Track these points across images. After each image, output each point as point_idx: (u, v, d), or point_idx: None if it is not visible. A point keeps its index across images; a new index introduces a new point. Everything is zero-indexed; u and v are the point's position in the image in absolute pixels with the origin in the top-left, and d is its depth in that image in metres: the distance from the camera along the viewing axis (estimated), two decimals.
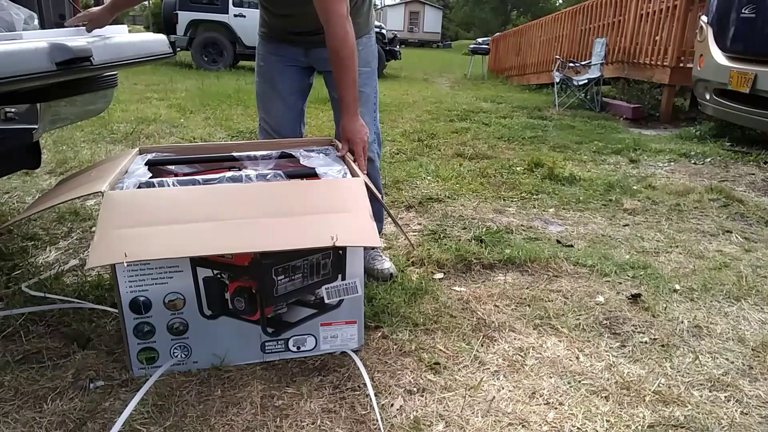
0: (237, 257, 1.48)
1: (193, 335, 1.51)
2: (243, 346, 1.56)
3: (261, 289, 1.51)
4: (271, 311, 1.56)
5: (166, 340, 1.50)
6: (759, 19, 4.39)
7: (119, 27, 2.21)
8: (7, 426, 1.32)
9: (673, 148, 4.85)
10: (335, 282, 1.58)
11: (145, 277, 1.43)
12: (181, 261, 1.44)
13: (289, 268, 1.52)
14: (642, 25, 7.17)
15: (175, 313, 1.48)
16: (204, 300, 1.49)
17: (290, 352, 1.60)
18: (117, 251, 1.25)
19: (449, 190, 3.38)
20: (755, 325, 1.92)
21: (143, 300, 1.45)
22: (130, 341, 1.47)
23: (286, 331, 1.58)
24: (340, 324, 1.62)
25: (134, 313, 1.45)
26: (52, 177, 3.29)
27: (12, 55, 1.44)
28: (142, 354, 1.49)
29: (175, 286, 1.45)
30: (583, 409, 1.46)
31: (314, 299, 1.58)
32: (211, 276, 1.48)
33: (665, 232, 2.80)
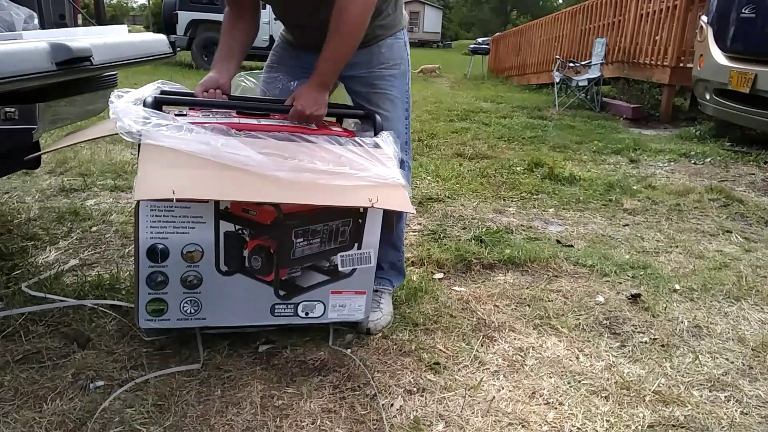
0: (261, 215, 1.46)
1: (206, 291, 1.49)
2: (253, 307, 1.55)
3: (279, 250, 1.50)
4: (285, 273, 1.55)
5: (177, 292, 1.47)
6: (759, 19, 4.39)
7: (119, 27, 2.21)
8: (7, 426, 1.32)
9: (673, 148, 4.85)
10: (351, 250, 1.58)
11: (167, 225, 1.40)
12: (206, 212, 1.42)
13: (309, 232, 1.52)
14: (642, 25, 7.18)
15: (191, 265, 1.45)
16: (222, 255, 1.47)
17: (298, 317, 1.60)
18: (164, 187, 1.23)
19: (449, 190, 3.38)
20: (755, 325, 1.92)
21: (161, 248, 1.42)
22: (141, 290, 1.44)
23: (298, 295, 1.58)
24: (350, 293, 1.62)
25: (150, 261, 1.42)
26: (52, 177, 3.29)
27: (12, 55, 1.44)
28: (151, 305, 1.46)
29: (196, 237, 1.43)
30: (583, 409, 1.46)
31: (328, 266, 1.58)
32: (232, 231, 1.46)
33: (665, 232, 2.80)
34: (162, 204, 1.38)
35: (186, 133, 1.37)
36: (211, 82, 1.63)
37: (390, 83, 1.74)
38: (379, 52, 1.73)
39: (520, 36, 12.64)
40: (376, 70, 1.72)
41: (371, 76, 1.72)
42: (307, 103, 1.56)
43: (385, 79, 1.73)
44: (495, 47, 15.02)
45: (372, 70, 1.72)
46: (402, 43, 1.80)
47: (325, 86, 1.60)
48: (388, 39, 1.75)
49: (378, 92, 1.73)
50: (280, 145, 1.45)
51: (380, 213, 1.57)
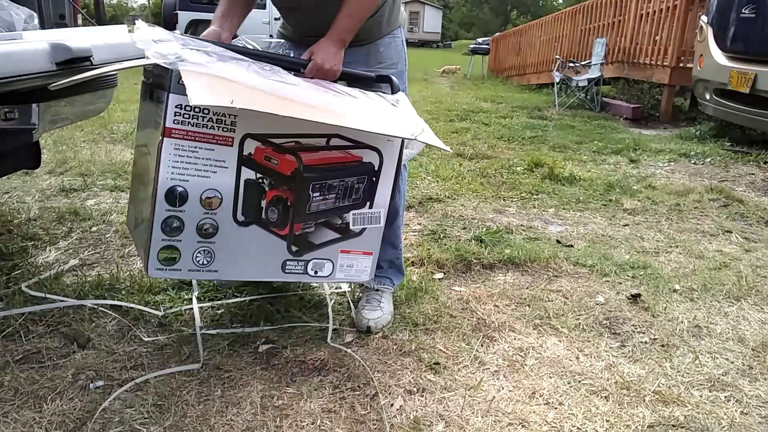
0: (282, 164, 1.44)
1: (220, 241, 1.44)
2: (265, 261, 1.53)
3: (296, 203, 1.48)
4: (299, 228, 1.53)
5: (191, 240, 1.41)
6: (759, 19, 4.39)
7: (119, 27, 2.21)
8: (7, 426, 1.32)
9: (673, 148, 4.85)
10: (363, 209, 1.58)
11: (188, 166, 1.34)
12: (229, 156, 1.38)
13: (325, 186, 1.51)
14: (642, 25, 7.17)
15: (209, 212, 1.40)
16: (240, 203, 1.43)
17: (307, 276, 1.59)
18: (222, 95, 1.18)
19: (449, 190, 3.38)
20: (755, 325, 1.92)
21: (180, 191, 1.35)
22: (154, 235, 1.37)
23: (309, 252, 1.56)
24: (357, 253, 1.62)
25: (168, 204, 1.35)
26: (52, 177, 3.29)
27: (12, 55, 1.44)
28: (163, 252, 1.40)
29: (216, 182, 1.38)
30: (583, 409, 1.46)
31: (340, 223, 1.58)
32: (253, 179, 1.42)
33: (665, 232, 2.80)
34: (186, 143, 1.33)
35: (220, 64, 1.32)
36: (213, 35, 1.59)
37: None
38: (377, 50, 1.72)
39: (520, 36, 12.63)
40: (373, 69, 1.72)
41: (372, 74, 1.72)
42: (327, 58, 1.53)
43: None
44: (495, 47, 15.01)
45: (370, 70, 1.71)
46: (399, 42, 1.80)
47: (342, 42, 1.57)
48: (386, 38, 1.75)
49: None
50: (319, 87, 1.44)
51: (393, 172, 1.58)
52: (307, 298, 1.94)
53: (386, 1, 1.73)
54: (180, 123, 1.31)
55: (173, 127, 1.31)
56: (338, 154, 1.52)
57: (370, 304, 1.83)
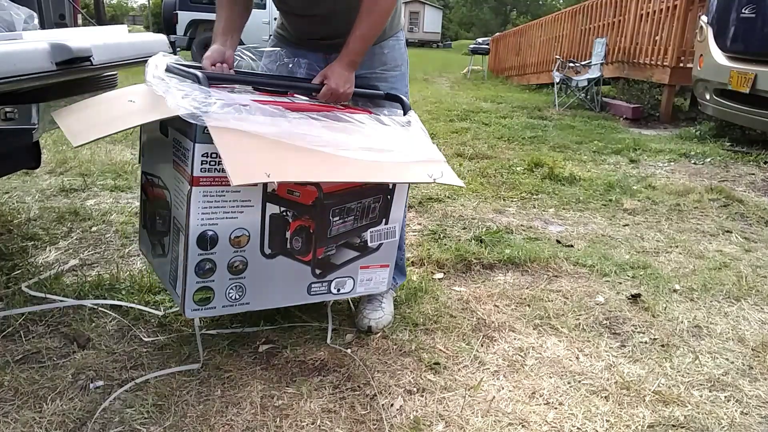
0: (303, 196, 1.48)
1: (250, 275, 1.48)
2: (292, 287, 1.57)
3: (317, 229, 1.53)
4: (322, 252, 1.57)
5: (224, 279, 1.46)
6: (759, 19, 4.39)
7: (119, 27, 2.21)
8: (7, 426, 1.32)
9: (673, 148, 4.85)
10: (380, 226, 1.63)
11: (217, 210, 1.39)
12: (254, 195, 1.42)
13: (344, 210, 1.55)
14: (642, 25, 7.17)
15: (238, 250, 1.45)
16: (266, 238, 1.48)
17: (331, 294, 1.64)
18: (257, 171, 1.21)
19: (449, 190, 3.38)
20: (755, 325, 1.92)
21: (211, 234, 1.39)
22: (189, 279, 1.41)
23: (332, 272, 1.61)
24: (375, 267, 1.67)
25: (200, 249, 1.39)
26: (52, 177, 3.29)
27: (12, 55, 1.44)
28: (198, 294, 1.43)
29: (244, 221, 1.43)
30: (583, 409, 1.46)
31: (359, 242, 1.62)
32: (277, 213, 1.47)
33: (665, 232, 2.80)
34: (214, 189, 1.37)
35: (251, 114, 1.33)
36: (218, 55, 1.58)
37: (390, 85, 1.73)
38: (381, 52, 1.72)
39: (520, 36, 12.63)
40: (377, 71, 1.72)
41: (372, 77, 1.72)
42: (340, 81, 1.54)
43: (387, 81, 1.73)
44: (495, 47, 15.01)
45: (374, 71, 1.72)
46: (402, 44, 1.81)
47: (354, 65, 1.59)
48: (390, 40, 1.75)
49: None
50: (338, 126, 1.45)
51: (406, 188, 1.64)
52: None
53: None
54: (207, 171, 1.35)
55: (201, 176, 1.34)
56: None
57: (372, 304, 1.83)
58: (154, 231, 1.63)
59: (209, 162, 1.34)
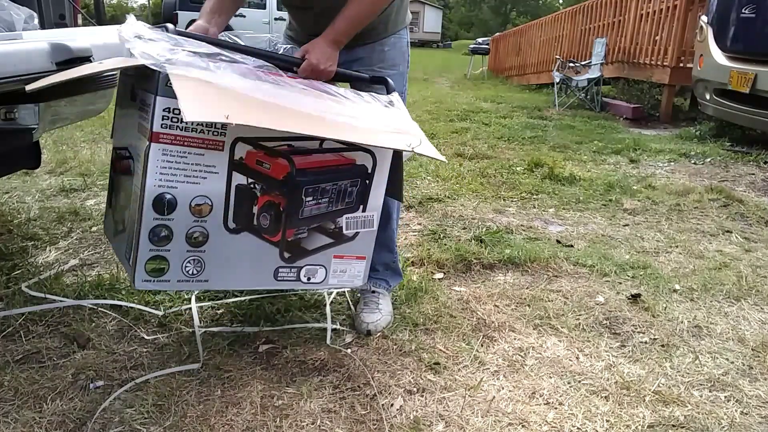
0: (274, 169, 1.40)
1: (211, 249, 1.38)
2: (257, 269, 1.47)
3: (288, 208, 1.44)
4: (292, 234, 1.48)
5: (181, 250, 1.35)
6: (759, 19, 4.39)
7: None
8: (7, 426, 1.32)
9: (673, 148, 4.85)
10: (356, 212, 1.54)
11: (177, 172, 1.28)
12: (220, 161, 1.32)
13: (318, 190, 1.46)
14: (642, 25, 7.17)
15: (199, 219, 1.34)
16: (231, 210, 1.38)
17: (300, 283, 1.54)
18: (216, 109, 1.12)
19: (449, 190, 3.38)
20: (755, 325, 1.92)
21: (169, 198, 1.29)
22: (141, 246, 1.30)
23: (302, 258, 1.52)
24: (351, 258, 1.58)
25: (156, 212, 1.29)
26: (52, 177, 3.29)
27: (12, 55, 1.44)
28: (151, 263, 1.33)
29: (207, 188, 1.33)
30: (583, 409, 1.46)
31: (333, 228, 1.54)
32: (245, 185, 1.38)
33: (665, 232, 2.80)
34: (175, 149, 1.27)
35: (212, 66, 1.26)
36: (200, 30, 1.54)
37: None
38: (382, 50, 1.71)
39: (520, 36, 12.63)
40: (375, 69, 1.71)
41: (369, 74, 1.71)
42: (321, 58, 1.50)
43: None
44: (495, 47, 15.01)
45: (372, 69, 1.71)
46: (404, 43, 1.79)
47: (338, 43, 1.55)
48: (391, 37, 1.74)
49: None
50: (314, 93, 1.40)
51: (386, 174, 1.54)
52: (307, 298, 1.94)
53: (393, 2, 1.71)
54: (168, 127, 1.25)
55: (161, 132, 1.25)
56: (331, 156, 1.48)
57: (368, 306, 1.82)
58: (117, 207, 1.53)
59: (170, 118, 1.24)
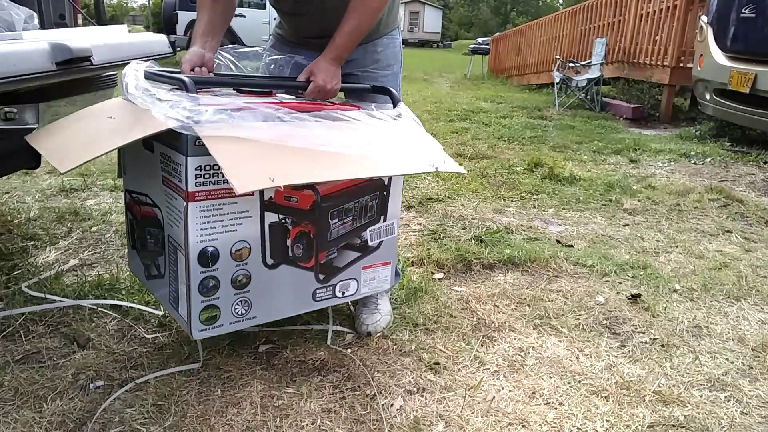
0: (301, 200, 1.45)
1: (254, 288, 1.44)
2: (297, 295, 1.53)
3: (318, 234, 1.50)
4: (324, 256, 1.54)
5: (228, 295, 1.40)
6: (759, 19, 4.39)
7: (119, 27, 2.21)
8: (7, 426, 1.32)
9: (673, 148, 4.85)
10: (378, 224, 1.61)
11: (216, 225, 1.34)
12: (252, 205, 1.38)
13: (342, 211, 1.53)
14: (642, 25, 7.18)
15: (240, 263, 1.40)
16: (268, 248, 1.44)
17: (336, 298, 1.61)
18: (261, 177, 1.17)
19: (449, 190, 3.38)
20: (755, 325, 1.92)
21: (212, 251, 1.34)
22: (193, 299, 1.35)
23: (335, 276, 1.58)
24: (378, 266, 1.65)
25: (202, 266, 1.34)
26: (52, 177, 3.29)
27: (12, 55, 1.44)
28: (204, 313, 1.38)
29: (244, 233, 1.38)
30: (583, 409, 1.46)
31: (360, 242, 1.60)
32: (276, 221, 1.43)
33: (665, 232, 2.80)
34: (210, 203, 1.32)
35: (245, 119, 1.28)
36: (197, 59, 1.54)
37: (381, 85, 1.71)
38: (374, 51, 1.71)
39: (520, 36, 12.63)
40: (369, 70, 1.71)
41: (363, 76, 1.71)
42: (327, 78, 1.52)
43: (378, 81, 1.71)
44: (495, 47, 15.01)
45: (365, 70, 1.71)
46: (397, 43, 1.79)
47: (340, 60, 1.57)
48: (383, 38, 1.74)
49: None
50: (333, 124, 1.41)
51: (401, 183, 1.62)
52: None
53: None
54: (202, 184, 1.29)
55: (196, 191, 1.29)
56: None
57: (367, 308, 1.82)
58: (146, 252, 1.57)
59: (203, 175, 1.29)
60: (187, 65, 1.53)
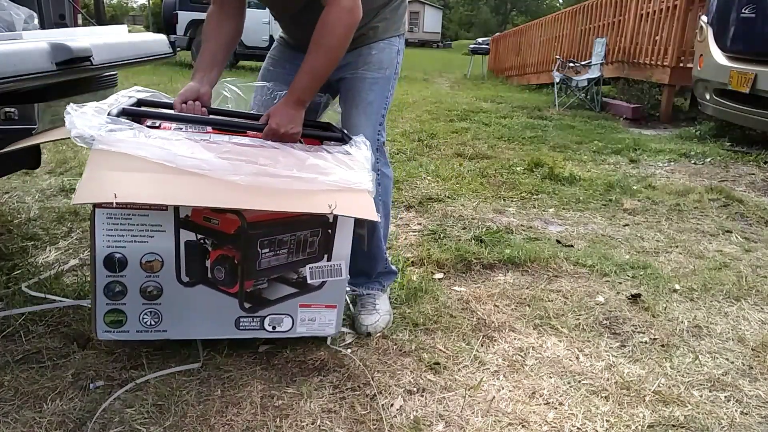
0: (223, 224, 1.42)
1: (166, 302, 1.44)
2: (216, 319, 1.50)
3: (244, 261, 1.45)
4: (251, 285, 1.50)
5: (137, 303, 1.43)
6: (759, 19, 4.39)
7: (119, 27, 2.21)
8: (7, 426, 1.32)
9: (673, 148, 4.85)
10: (320, 262, 1.53)
11: (124, 233, 1.36)
12: (165, 220, 1.38)
13: (275, 242, 1.47)
14: (642, 25, 7.18)
15: (151, 275, 1.41)
16: (183, 265, 1.43)
17: (264, 331, 1.56)
18: (106, 191, 1.20)
19: (449, 190, 3.38)
20: (755, 325, 1.92)
21: (119, 257, 1.37)
22: (98, 300, 1.41)
23: (264, 308, 1.53)
24: (319, 307, 1.57)
25: (107, 270, 1.38)
26: (52, 177, 3.29)
27: (12, 55, 1.44)
28: (109, 316, 1.42)
29: (155, 246, 1.39)
30: (583, 409, 1.46)
31: (297, 278, 1.53)
32: (194, 240, 1.42)
33: (665, 232, 2.80)
34: (118, 211, 1.34)
35: (141, 137, 1.33)
36: (191, 93, 1.56)
37: (369, 87, 1.70)
38: (368, 53, 1.70)
39: (520, 36, 12.63)
40: (359, 71, 1.70)
41: (354, 77, 1.70)
42: (282, 121, 1.50)
43: (366, 82, 1.70)
44: (495, 47, 15.02)
45: (356, 72, 1.70)
46: (395, 50, 1.76)
47: (301, 103, 1.53)
48: (380, 42, 1.72)
49: (354, 95, 1.70)
50: (240, 150, 1.41)
51: (351, 224, 1.51)
52: None
53: (387, 7, 1.70)
54: None
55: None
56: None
57: (366, 308, 1.81)
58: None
59: None
60: (178, 99, 1.56)
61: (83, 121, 1.32)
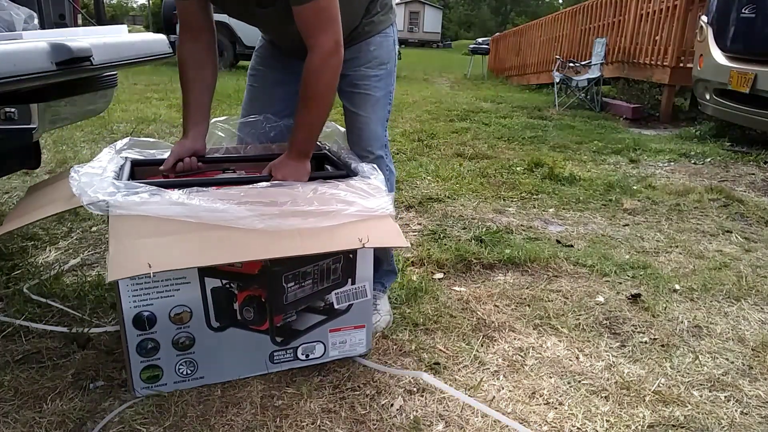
0: (246, 265, 1.42)
1: (200, 349, 1.45)
2: (251, 357, 1.51)
3: (270, 298, 1.46)
4: (280, 320, 1.51)
5: (171, 356, 1.43)
6: (759, 19, 4.39)
7: (119, 27, 2.21)
8: (7, 426, 1.32)
9: (673, 148, 4.85)
10: (345, 287, 1.55)
11: (150, 291, 1.36)
12: (189, 272, 1.37)
13: (299, 275, 1.48)
14: (642, 25, 7.18)
15: (181, 327, 1.41)
16: (212, 311, 1.43)
17: (299, 361, 1.56)
18: (140, 262, 1.19)
19: (449, 190, 3.38)
20: (755, 325, 1.92)
21: (147, 314, 1.37)
22: (132, 359, 1.39)
23: (295, 339, 1.54)
24: (349, 329, 1.59)
25: (138, 330, 1.37)
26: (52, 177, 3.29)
27: (12, 55, 1.44)
28: (145, 372, 1.42)
29: (182, 298, 1.39)
30: (583, 409, 1.46)
31: (324, 305, 1.54)
32: (219, 286, 1.42)
33: (665, 232, 2.80)
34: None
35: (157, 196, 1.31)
36: (185, 151, 1.56)
37: (373, 83, 1.71)
38: (368, 49, 1.70)
39: (520, 36, 12.63)
40: (362, 68, 1.70)
41: (356, 75, 1.70)
42: (288, 174, 1.49)
43: (370, 79, 1.70)
44: (495, 47, 15.01)
45: (358, 69, 1.70)
46: (391, 41, 1.77)
47: (305, 155, 1.53)
48: (377, 36, 1.72)
49: (360, 92, 1.70)
50: (257, 192, 1.40)
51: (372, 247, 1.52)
52: None
53: (377, 3, 1.70)
54: None
55: None
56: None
57: None
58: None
59: None
60: (172, 159, 1.55)
61: (92, 188, 1.30)
